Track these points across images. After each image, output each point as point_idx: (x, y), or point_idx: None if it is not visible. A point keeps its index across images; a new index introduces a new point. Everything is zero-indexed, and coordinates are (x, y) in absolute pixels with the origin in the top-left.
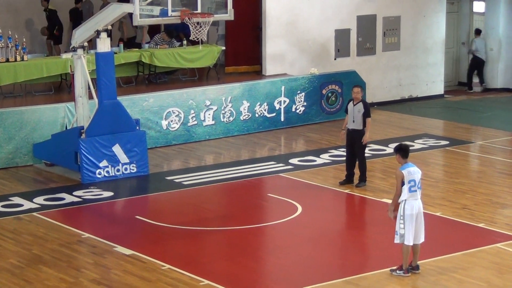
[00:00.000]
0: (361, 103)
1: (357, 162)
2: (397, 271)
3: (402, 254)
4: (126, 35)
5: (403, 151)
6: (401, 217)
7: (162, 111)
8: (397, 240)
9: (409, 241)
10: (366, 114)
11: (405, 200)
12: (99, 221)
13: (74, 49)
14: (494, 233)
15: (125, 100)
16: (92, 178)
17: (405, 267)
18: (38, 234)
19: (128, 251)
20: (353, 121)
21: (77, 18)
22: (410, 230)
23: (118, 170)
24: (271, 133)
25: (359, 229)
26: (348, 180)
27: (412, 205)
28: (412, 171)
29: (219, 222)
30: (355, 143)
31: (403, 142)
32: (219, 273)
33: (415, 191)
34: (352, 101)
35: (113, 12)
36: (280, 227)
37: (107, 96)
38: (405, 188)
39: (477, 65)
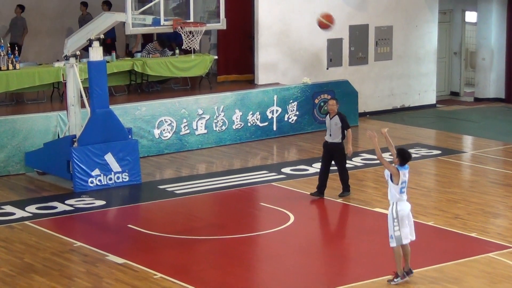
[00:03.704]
0: (337, 116)
1: (337, 174)
2: (394, 280)
3: (395, 259)
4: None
5: (403, 159)
6: (395, 220)
7: (155, 120)
8: (393, 243)
9: (405, 240)
10: (344, 126)
11: (397, 202)
12: (91, 229)
13: (67, 58)
14: (486, 243)
15: (118, 109)
16: (84, 187)
17: (400, 272)
18: (30, 243)
19: (120, 260)
20: (330, 135)
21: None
22: (404, 231)
23: (110, 179)
24: (263, 142)
25: (351, 238)
26: (319, 192)
27: (403, 207)
28: (406, 173)
29: (211, 231)
30: (333, 156)
31: (408, 151)
32: (211, 282)
33: (404, 192)
34: (328, 114)
35: (105, 21)
36: (272, 236)
37: (100, 105)
38: (397, 188)
39: None
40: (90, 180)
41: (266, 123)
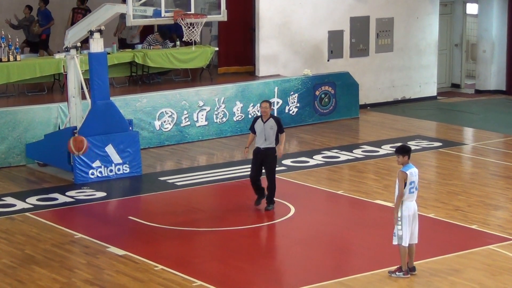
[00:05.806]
0: (271, 119)
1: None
2: (397, 273)
3: (400, 256)
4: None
5: (405, 152)
6: (399, 218)
7: (155, 111)
8: (395, 241)
9: (405, 242)
10: (279, 130)
11: (403, 201)
12: (92, 221)
13: (67, 49)
14: (486, 235)
15: (118, 101)
16: (85, 179)
17: (404, 268)
18: (31, 234)
19: (121, 252)
20: (265, 140)
21: None
22: (407, 231)
23: (111, 171)
24: None
25: (352, 230)
26: (260, 197)
27: (409, 206)
28: (414, 172)
29: (211, 223)
30: (264, 161)
31: (405, 144)
32: (211, 274)
33: (413, 192)
34: (260, 118)
35: (106, 12)
36: (273, 228)
37: (100, 97)
38: (406, 189)
39: None
40: (90, 171)
41: None
